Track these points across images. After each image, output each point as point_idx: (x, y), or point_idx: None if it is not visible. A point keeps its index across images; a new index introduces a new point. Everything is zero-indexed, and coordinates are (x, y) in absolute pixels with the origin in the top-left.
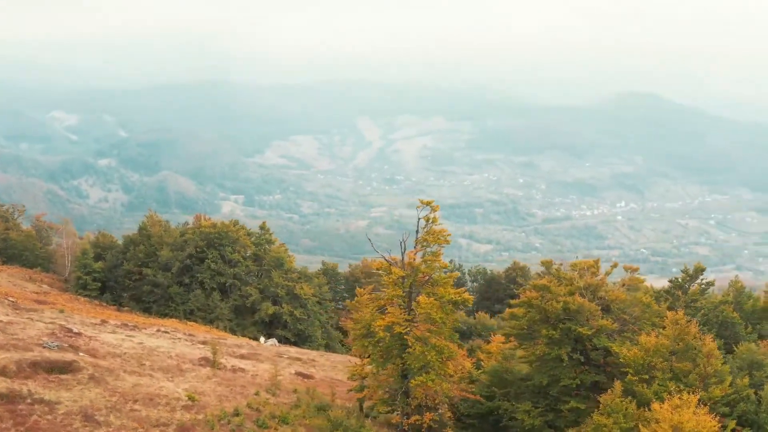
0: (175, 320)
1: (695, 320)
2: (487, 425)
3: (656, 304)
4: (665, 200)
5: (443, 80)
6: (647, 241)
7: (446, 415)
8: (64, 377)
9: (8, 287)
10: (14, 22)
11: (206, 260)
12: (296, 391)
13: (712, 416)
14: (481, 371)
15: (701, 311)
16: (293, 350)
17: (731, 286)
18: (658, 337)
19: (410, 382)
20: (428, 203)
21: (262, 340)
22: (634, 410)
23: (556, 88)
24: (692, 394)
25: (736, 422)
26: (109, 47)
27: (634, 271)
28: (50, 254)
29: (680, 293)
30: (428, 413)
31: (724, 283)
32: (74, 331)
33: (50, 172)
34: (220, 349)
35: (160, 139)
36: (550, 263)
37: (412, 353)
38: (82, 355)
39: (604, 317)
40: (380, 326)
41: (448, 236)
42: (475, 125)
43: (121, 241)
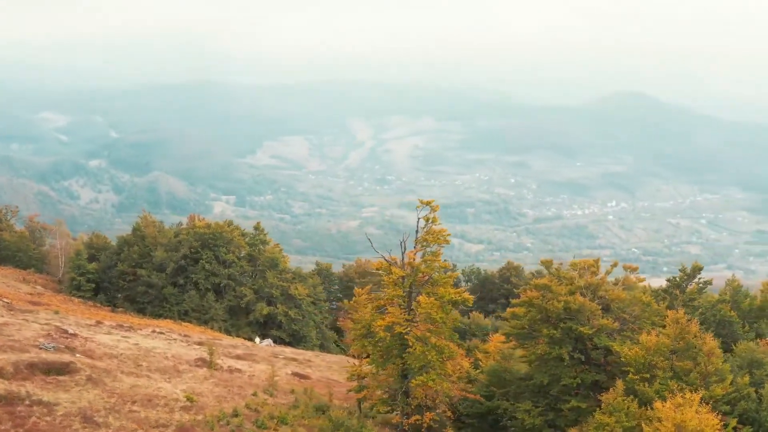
0: (169, 321)
1: (696, 319)
2: (486, 425)
3: (655, 303)
4: (656, 200)
5: (434, 80)
6: (638, 240)
7: (446, 414)
8: (61, 378)
9: (2, 288)
10: (3, 23)
11: (201, 261)
12: (293, 391)
13: (713, 415)
14: (479, 371)
15: (699, 310)
16: (289, 351)
17: (728, 285)
18: (658, 336)
19: (411, 381)
20: (428, 203)
21: (257, 340)
22: (635, 409)
23: (547, 88)
24: (694, 392)
25: (737, 420)
26: (99, 48)
27: (633, 270)
28: (44, 255)
29: (678, 292)
30: (428, 413)
31: (715, 282)
32: (70, 332)
33: (41, 173)
34: (216, 349)
35: (150, 139)
36: (550, 263)
37: (412, 353)
38: (78, 356)
39: (604, 316)
40: (380, 326)
41: (447, 236)
42: (466, 125)
43: (114, 241)
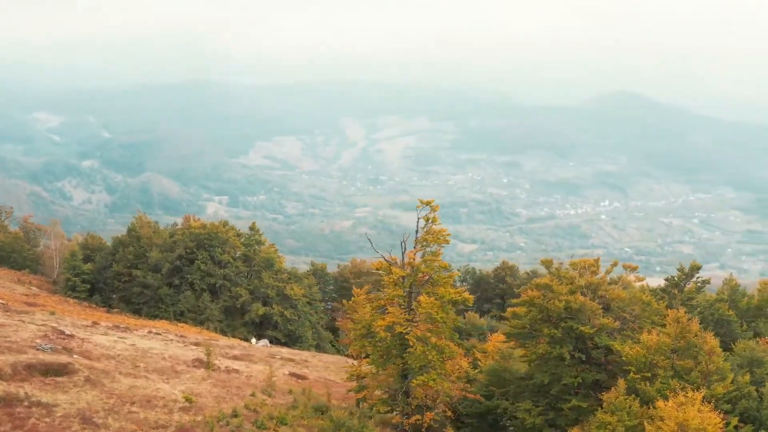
0: (165, 322)
1: (696, 318)
2: (485, 424)
3: (655, 302)
4: (649, 199)
5: (427, 80)
6: (631, 240)
7: (446, 414)
8: (60, 380)
9: None
10: None
11: (196, 261)
12: (291, 391)
13: (715, 413)
14: (477, 370)
15: (697, 309)
16: (285, 351)
17: (725, 284)
18: (659, 335)
19: (411, 381)
20: (428, 203)
21: (253, 341)
22: (637, 408)
23: (540, 87)
24: (695, 391)
25: (738, 419)
26: (90, 48)
27: (633, 269)
28: (38, 256)
29: (676, 291)
30: (429, 413)
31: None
32: (66, 333)
33: (33, 173)
34: (213, 350)
35: (143, 140)
36: (550, 262)
37: (413, 353)
38: (76, 357)
39: (604, 316)
40: (381, 326)
41: (447, 236)
42: (458, 125)
43: (109, 242)
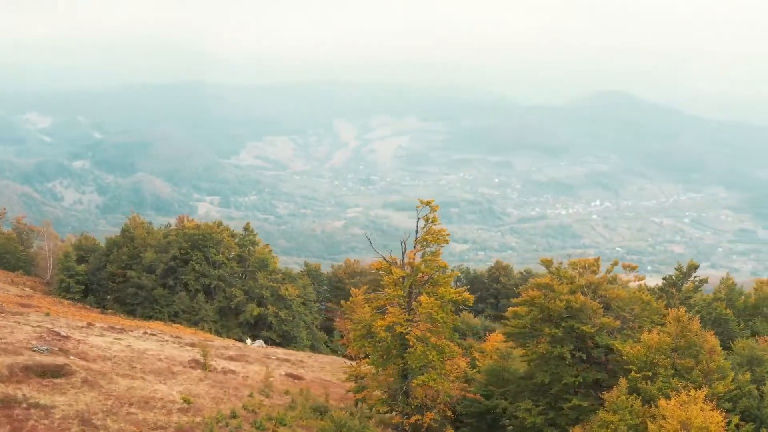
0: (160, 322)
1: (697, 317)
2: (484, 424)
3: (655, 301)
4: (640, 199)
5: (419, 81)
6: (622, 239)
7: (446, 414)
8: (57, 381)
9: None
10: None
11: (190, 262)
12: (288, 392)
13: (717, 412)
14: (476, 370)
15: (695, 308)
16: (281, 351)
17: (722, 283)
18: (659, 334)
19: (412, 381)
20: (428, 203)
21: (248, 341)
22: (639, 407)
23: (531, 87)
24: (697, 390)
25: (739, 418)
26: (81, 49)
27: (633, 269)
28: (32, 257)
29: (674, 291)
30: (429, 413)
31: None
32: (62, 334)
33: (24, 174)
34: (209, 351)
35: (134, 140)
36: (550, 262)
37: (413, 353)
38: (72, 358)
39: (605, 315)
40: (381, 326)
41: (447, 236)
42: (450, 125)
43: (103, 243)
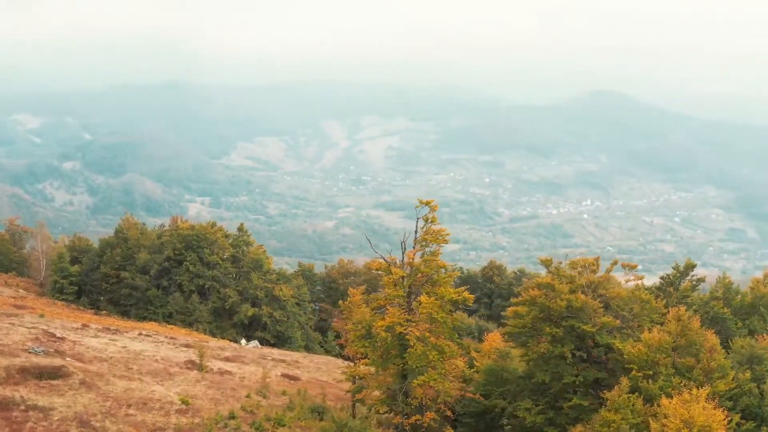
0: (154, 323)
1: (697, 316)
2: (482, 424)
3: (654, 300)
4: (630, 198)
5: (408, 81)
6: (613, 239)
7: (446, 414)
8: (55, 383)
9: None
10: None
11: (184, 263)
12: (285, 393)
13: (719, 410)
14: (473, 370)
15: (693, 307)
16: (276, 352)
17: (719, 282)
18: (660, 333)
19: (412, 381)
20: (427, 203)
21: (243, 342)
22: (641, 406)
23: (521, 87)
24: (699, 388)
25: (740, 416)
26: (71, 49)
27: (632, 268)
28: (25, 258)
29: (672, 290)
30: (428, 413)
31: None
32: (57, 335)
33: (14, 175)
34: (205, 352)
35: (124, 141)
36: (549, 261)
37: (413, 353)
38: (69, 360)
39: (605, 314)
40: (381, 327)
41: (447, 235)
42: (440, 125)
43: (96, 244)
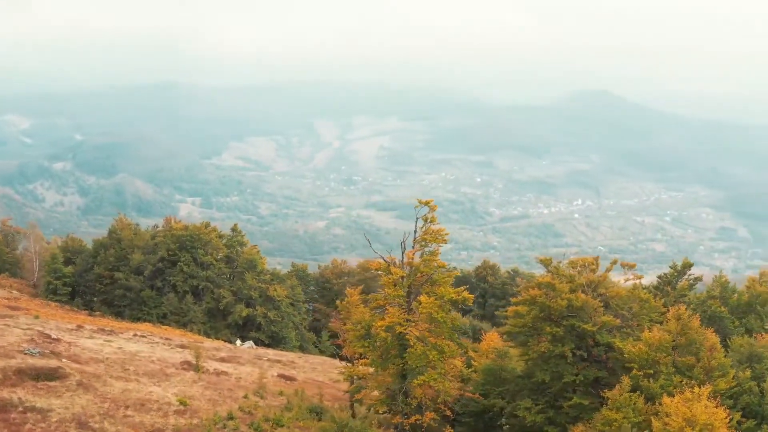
0: (148, 324)
1: (697, 315)
2: (481, 423)
3: (653, 299)
4: (621, 198)
5: (399, 81)
6: (604, 238)
7: (445, 413)
8: (52, 384)
9: None
10: None
11: (178, 263)
12: (282, 393)
13: (721, 409)
14: (471, 369)
15: (690, 306)
16: (271, 352)
17: (716, 281)
18: (660, 332)
19: (412, 381)
20: (427, 203)
21: (238, 342)
22: (642, 405)
23: (511, 87)
24: (700, 387)
25: (740, 414)
26: (62, 50)
27: (631, 267)
28: (17, 259)
29: (669, 289)
30: (428, 413)
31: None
32: (53, 336)
33: (4, 176)
34: (200, 352)
35: (115, 141)
36: (549, 261)
37: (413, 353)
38: (65, 361)
39: (605, 313)
40: (381, 327)
41: (446, 235)
42: (431, 125)
43: (89, 245)
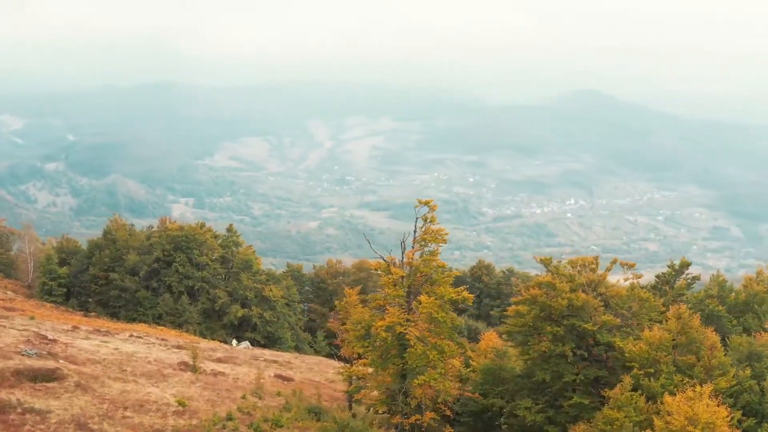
0: (144, 325)
1: (698, 314)
2: (480, 423)
3: (653, 299)
4: (614, 197)
5: (392, 81)
6: (597, 238)
7: (445, 413)
8: (50, 385)
9: None
10: None
11: (174, 263)
12: (280, 393)
13: (723, 407)
14: (470, 369)
15: (688, 305)
16: (268, 353)
17: (713, 280)
18: (660, 331)
19: (412, 381)
20: (426, 203)
21: (234, 343)
22: (643, 404)
23: (505, 87)
24: (701, 386)
25: (741, 413)
26: (54, 50)
27: (631, 267)
28: (12, 260)
29: (667, 288)
30: (428, 413)
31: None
32: (49, 337)
33: None
34: (197, 353)
35: (109, 142)
36: (549, 261)
37: (413, 353)
38: (62, 362)
39: (605, 313)
40: (381, 327)
41: (446, 235)
42: (424, 125)
43: (85, 245)
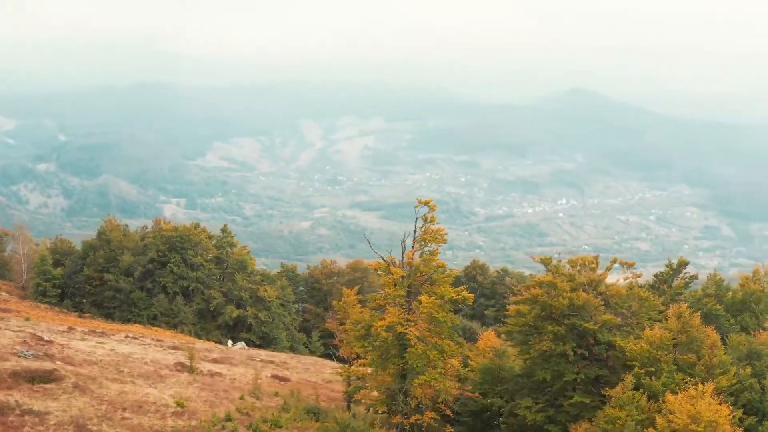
0: (139, 326)
1: (698, 313)
2: (479, 423)
3: (653, 298)
4: (605, 197)
5: (383, 81)
6: (589, 237)
7: (446, 413)
8: (48, 387)
9: None
10: None
11: (168, 264)
12: (278, 394)
13: (725, 406)
14: (468, 369)
15: (686, 304)
16: (263, 353)
17: (710, 279)
18: (660, 330)
19: (412, 381)
20: (426, 203)
21: (229, 343)
22: (645, 403)
23: (496, 86)
24: (703, 384)
25: (741, 411)
26: (46, 50)
27: (630, 266)
28: (6, 261)
29: (665, 287)
30: (429, 412)
31: None
32: (45, 339)
33: None
34: (194, 354)
35: (100, 142)
36: (549, 260)
37: (413, 352)
38: (59, 363)
39: (605, 312)
40: (382, 326)
41: (445, 235)
42: (416, 125)
43: (79, 246)
